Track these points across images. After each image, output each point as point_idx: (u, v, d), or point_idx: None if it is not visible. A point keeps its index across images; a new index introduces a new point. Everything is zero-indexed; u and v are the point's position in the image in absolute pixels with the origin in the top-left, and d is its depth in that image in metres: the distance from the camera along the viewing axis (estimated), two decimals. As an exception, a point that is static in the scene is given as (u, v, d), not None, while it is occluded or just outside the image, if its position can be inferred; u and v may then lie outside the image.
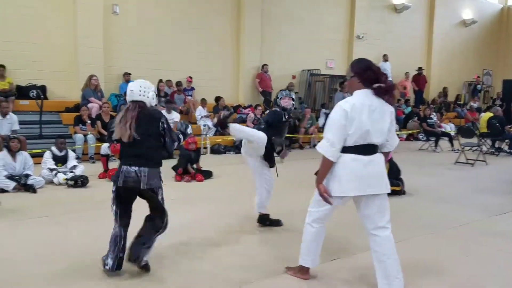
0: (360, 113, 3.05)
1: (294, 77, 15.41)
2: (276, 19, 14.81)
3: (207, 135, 11.62)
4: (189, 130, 4.02)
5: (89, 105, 10.36)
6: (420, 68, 17.94)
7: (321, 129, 13.78)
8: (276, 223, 5.00)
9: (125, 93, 11.92)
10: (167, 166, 7.62)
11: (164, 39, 12.67)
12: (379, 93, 3.13)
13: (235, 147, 11.79)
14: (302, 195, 4.02)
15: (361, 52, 16.74)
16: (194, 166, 7.98)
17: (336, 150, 3.10)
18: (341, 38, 16.68)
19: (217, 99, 12.76)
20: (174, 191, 5.98)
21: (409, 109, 16.43)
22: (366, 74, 3.15)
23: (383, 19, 17.62)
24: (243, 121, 12.70)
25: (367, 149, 3.13)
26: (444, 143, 12.67)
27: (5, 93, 9.93)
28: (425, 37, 19.15)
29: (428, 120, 13.38)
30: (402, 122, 15.58)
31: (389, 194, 3.28)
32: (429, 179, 8.20)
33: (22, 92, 10.55)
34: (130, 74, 11.81)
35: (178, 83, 12.57)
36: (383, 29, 17.55)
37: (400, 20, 18.10)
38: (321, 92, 16.08)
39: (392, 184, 6.73)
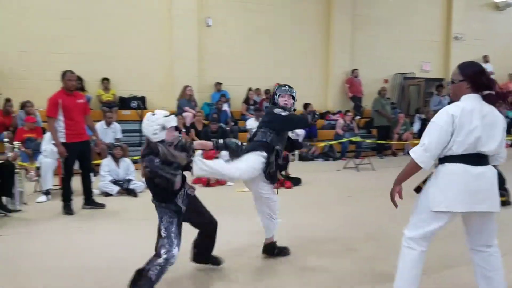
0: (470, 118, 2.76)
1: (386, 81, 14.89)
2: (367, 23, 14.44)
3: (296, 142, 11.59)
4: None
5: (184, 114, 10.87)
6: (526, 69, 16.39)
7: (415, 135, 13.14)
8: (284, 251, 4.22)
9: (216, 102, 12.32)
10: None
11: (254, 48, 12.93)
12: (490, 100, 2.83)
13: (324, 154, 11.67)
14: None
15: (459, 54, 15.74)
16: (283, 173, 8.01)
17: (430, 157, 2.81)
18: (437, 39, 15.80)
19: (305, 106, 12.72)
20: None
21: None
22: (479, 80, 2.83)
23: (483, 18, 16.37)
24: (332, 128, 12.54)
25: (477, 159, 2.81)
26: (558, 149, 11.42)
27: (109, 104, 10.78)
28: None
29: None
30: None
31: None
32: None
33: (124, 103, 11.38)
34: (221, 83, 12.24)
35: (267, 91, 12.74)
36: (483, 29, 16.29)
37: (502, 19, 16.68)
38: (415, 96, 15.34)
39: (497, 195, 6.21)
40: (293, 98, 4.28)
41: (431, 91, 14.96)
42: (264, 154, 3.79)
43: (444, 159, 2.85)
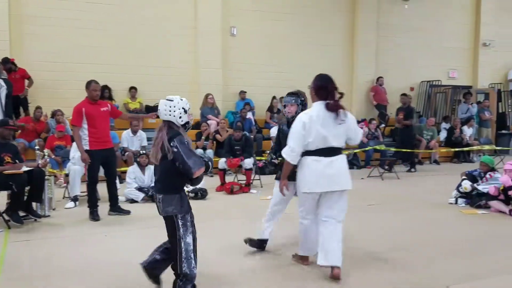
0: (317, 122, 3.76)
1: (412, 89, 14.72)
2: (392, 30, 14.34)
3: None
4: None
5: (208, 122, 10.97)
6: (560, 75, 15.92)
7: (442, 144, 12.94)
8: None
9: (240, 110, 12.35)
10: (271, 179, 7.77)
11: (278, 56, 13.00)
12: (329, 108, 3.81)
13: (349, 162, 11.56)
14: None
15: (488, 60, 15.46)
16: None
17: (296, 155, 3.80)
18: (465, 46, 15.54)
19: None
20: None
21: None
22: (320, 92, 3.89)
23: (512, 23, 16.04)
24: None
25: (328, 151, 3.75)
26: None
27: (136, 112, 11.00)
28: None
29: None
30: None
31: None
32: None
33: (150, 111, 11.56)
34: (245, 92, 12.33)
35: (291, 99, 12.72)
36: (512, 35, 15.98)
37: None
38: (442, 104, 15.09)
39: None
40: (302, 104, 4.52)
41: (459, 98, 14.71)
42: None
43: (304, 153, 3.76)
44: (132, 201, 7.19)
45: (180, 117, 3.34)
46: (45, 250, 4.73)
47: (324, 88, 3.78)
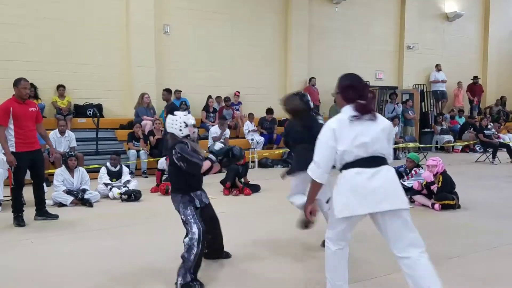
0: (350, 127, 3.00)
1: (342, 89, 15.25)
2: (323, 33, 14.83)
3: (255, 149, 11.72)
4: (216, 147, 3.99)
5: (142, 122, 10.72)
6: (475, 77, 17.25)
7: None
8: None
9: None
10: (215, 180, 7.77)
11: (212, 56, 12.98)
12: (358, 109, 3.03)
13: (283, 160, 11.81)
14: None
15: (411, 63, 16.43)
16: (242, 180, 8.05)
17: (323, 171, 3.03)
18: (391, 49, 16.42)
19: (269, 111, 12.89)
20: (222, 205, 6.04)
21: (463, 119, 15.86)
22: (347, 93, 3.14)
23: (434, 28, 17.18)
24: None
25: (370, 161, 2.92)
26: (502, 154, 12.07)
27: (64, 111, 10.51)
28: (480, 45, 18.45)
29: (485, 131, 12.81)
30: (457, 133, 15.07)
31: (443, 208, 3.05)
32: (487, 193, 7.82)
33: (79, 110, 11.11)
34: (181, 91, 12.17)
35: (226, 99, 12.77)
36: (435, 39, 17.12)
37: (452, 29, 17.57)
38: (370, 104, 15.79)
39: (446, 198, 6.48)
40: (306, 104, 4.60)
41: (386, 99, 15.48)
42: None
43: (342, 168, 2.98)
44: (61, 204, 6.86)
45: (180, 130, 3.90)
46: (-37, 260, 4.41)
47: (354, 88, 3.08)
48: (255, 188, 8.06)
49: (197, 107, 12.43)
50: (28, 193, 6.04)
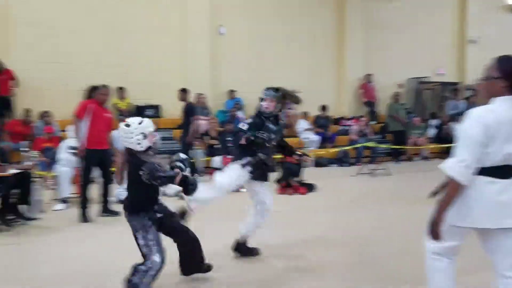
0: (506, 126, 2.42)
1: (400, 85, 14.80)
2: (380, 27, 14.40)
3: (310, 148, 11.61)
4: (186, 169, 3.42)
5: (198, 122, 10.90)
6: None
7: (430, 140, 13.05)
8: (251, 252, 4.35)
9: (230, 109, 12.30)
10: (271, 179, 7.76)
11: (267, 55, 12.99)
12: None
13: (339, 159, 11.63)
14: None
15: (475, 57, 15.60)
16: (297, 179, 7.99)
17: (472, 173, 2.44)
18: (452, 43, 15.71)
19: (323, 108, 12.80)
20: (277, 204, 6.01)
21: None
22: None
23: (498, 20, 16.20)
24: (346, 133, 12.51)
25: (508, 170, 2.48)
26: None
27: (124, 112, 10.92)
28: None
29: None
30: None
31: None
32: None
33: (139, 111, 11.49)
34: (235, 91, 12.30)
35: (281, 98, 12.72)
36: (499, 31, 16.14)
37: (518, 20, 16.52)
38: (430, 100, 15.21)
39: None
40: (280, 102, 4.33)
41: (447, 95, 14.84)
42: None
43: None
44: (121, 201, 7.10)
45: (138, 143, 3.21)
46: (34, 253, 4.69)
47: None
48: (311, 187, 7.98)
49: (252, 107, 12.48)
50: (93, 190, 6.29)
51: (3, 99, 9.94)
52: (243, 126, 4.22)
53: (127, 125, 3.24)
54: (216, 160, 8.47)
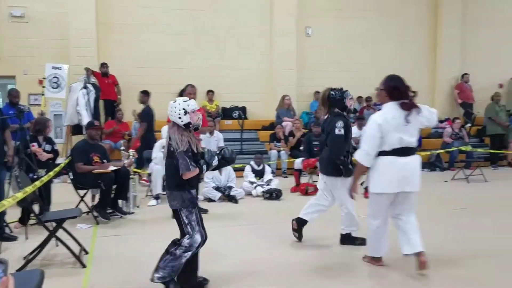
0: (391, 122, 3.80)
1: (501, 86, 13.70)
2: (478, 23, 13.44)
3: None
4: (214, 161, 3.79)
5: (283, 123, 10.99)
6: None
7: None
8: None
9: (315, 111, 12.10)
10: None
11: (354, 55, 12.72)
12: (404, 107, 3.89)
13: (431, 164, 11.05)
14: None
15: None
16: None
17: (371, 158, 3.86)
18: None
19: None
20: (363, 208, 5.85)
21: None
22: (393, 92, 4.00)
23: None
24: (439, 136, 11.85)
25: (403, 151, 3.77)
26: None
27: (213, 115, 11.30)
28: None
29: None
30: None
31: None
32: None
33: (226, 113, 11.86)
34: (319, 92, 12.15)
35: (368, 99, 12.39)
36: None
37: None
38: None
39: None
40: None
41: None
42: None
43: (379, 153, 3.79)
44: (210, 200, 7.38)
45: (179, 118, 3.47)
46: (131, 245, 4.99)
47: (398, 89, 3.88)
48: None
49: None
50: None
51: (109, 102, 10.80)
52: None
53: (174, 101, 3.54)
54: (297, 162, 8.44)
